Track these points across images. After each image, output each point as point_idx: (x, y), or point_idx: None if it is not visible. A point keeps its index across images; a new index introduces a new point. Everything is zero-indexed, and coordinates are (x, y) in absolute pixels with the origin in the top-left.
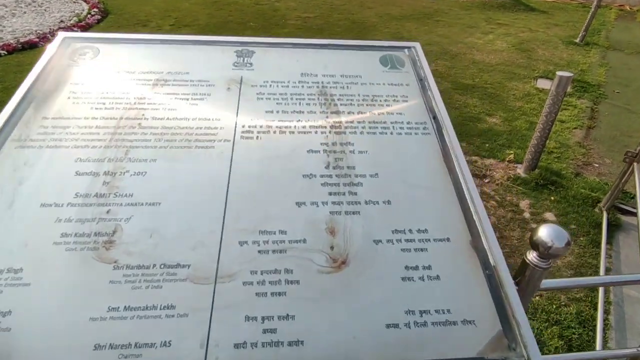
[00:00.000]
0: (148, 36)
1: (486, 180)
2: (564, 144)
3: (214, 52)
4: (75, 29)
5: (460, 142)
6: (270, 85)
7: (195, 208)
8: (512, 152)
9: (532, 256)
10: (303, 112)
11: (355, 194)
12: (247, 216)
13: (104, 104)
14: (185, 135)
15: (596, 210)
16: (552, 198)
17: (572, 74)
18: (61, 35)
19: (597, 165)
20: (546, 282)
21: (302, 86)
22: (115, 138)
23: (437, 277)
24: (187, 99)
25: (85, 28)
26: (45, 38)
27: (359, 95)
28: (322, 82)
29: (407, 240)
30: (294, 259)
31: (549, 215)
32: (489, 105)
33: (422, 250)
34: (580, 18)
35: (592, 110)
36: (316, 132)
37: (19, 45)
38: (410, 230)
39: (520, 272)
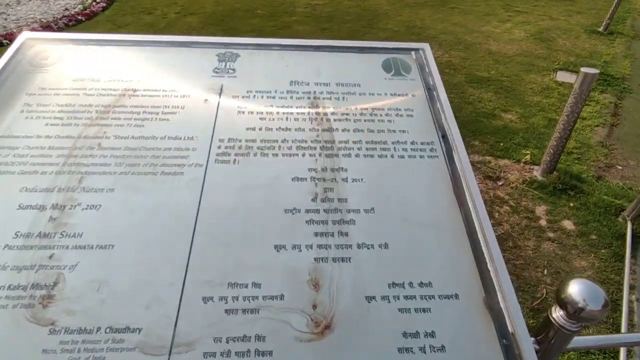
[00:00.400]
0: (120, 36)
1: (500, 183)
2: (584, 143)
3: (193, 56)
4: (80, 17)
5: (473, 140)
6: (254, 97)
7: (155, 252)
8: (528, 152)
9: (558, 314)
10: (290, 130)
11: (346, 234)
12: (215, 264)
13: (61, 119)
14: (151, 158)
15: (620, 219)
16: (571, 204)
17: (597, 71)
18: (24, 35)
19: (620, 167)
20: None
21: (291, 97)
22: (69, 162)
23: (442, 349)
24: (157, 113)
25: (90, 16)
26: (49, 27)
27: (355, 108)
28: (314, 93)
29: (406, 297)
30: (268, 321)
31: (567, 224)
32: (504, 99)
33: (424, 310)
34: (604, 5)
35: (616, 106)
36: (304, 155)
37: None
38: (410, 284)
39: (543, 329)
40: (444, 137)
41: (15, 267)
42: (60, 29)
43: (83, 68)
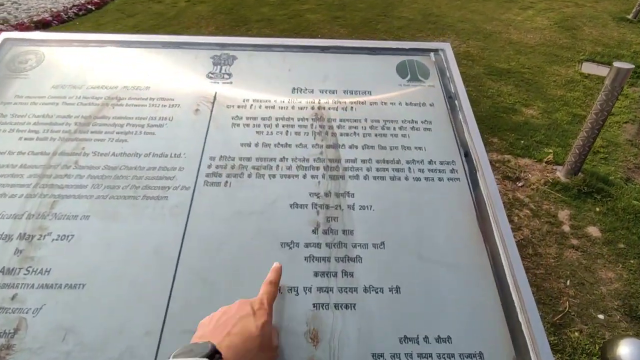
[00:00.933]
0: (106, 36)
1: (520, 184)
2: (612, 141)
3: (185, 58)
4: (90, 6)
5: (491, 138)
6: (251, 106)
7: (130, 293)
8: (550, 151)
9: None
10: (290, 146)
11: (352, 275)
12: (199, 308)
13: (36, 132)
14: (132, 179)
15: None
16: (598, 209)
17: (632, 66)
18: (3, 35)
19: None
20: None
21: (293, 107)
22: (42, 183)
23: None
24: (142, 126)
25: (100, 5)
26: (59, 17)
27: (365, 120)
28: (319, 102)
29: (421, 356)
30: None
31: (592, 230)
32: (525, 93)
33: None
34: None
35: None
36: (305, 176)
37: (32, 25)
38: (426, 339)
39: None
40: (467, 155)
41: None
42: (70, 19)
43: (65, 73)
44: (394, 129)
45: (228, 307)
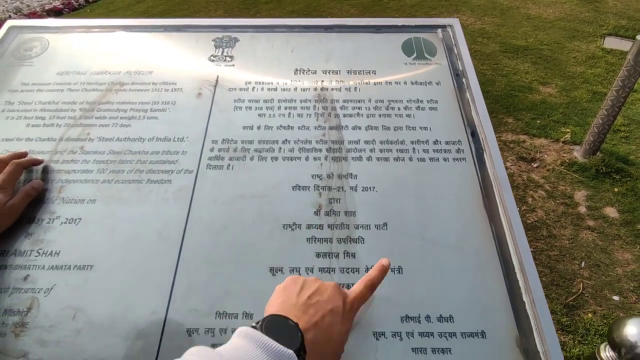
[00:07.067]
0: (108, 21)
1: (535, 165)
2: (633, 119)
3: (187, 41)
4: None
5: (506, 118)
6: (254, 88)
7: (136, 275)
8: (568, 130)
9: (607, 355)
10: (292, 128)
11: (354, 255)
12: (203, 289)
13: (43, 118)
14: (137, 164)
15: None
16: (616, 189)
17: None
18: (8, 23)
19: None
20: None
21: (295, 89)
22: (49, 169)
23: None
24: (145, 111)
25: None
26: (70, 4)
27: (369, 101)
28: (322, 82)
29: (422, 334)
30: None
31: (610, 211)
32: (543, 71)
33: (443, 351)
34: None
35: None
36: (307, 159)
37: (45, 13)
38: (427, 318)
39: None
40: (474, 134)
41: None
42: (81, 6)
43: (69, 59)
44: (399, 109)
45: (319, 282)
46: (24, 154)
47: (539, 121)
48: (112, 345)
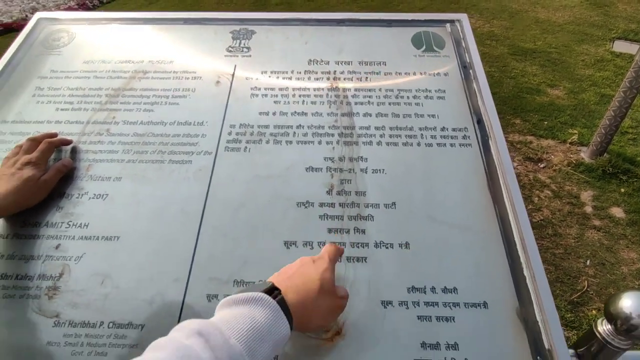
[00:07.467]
0: (131, 14)
1: (542, 165)
2: None
3: (206, 33)
4: None
5: (514, 119)
6: (269, 77)
7: (160, 246)
8: (575, 131)
9: (604, 328)
10: (306, 114)
11: (364, 232)
12: (222, 260)
13: (71, 103)
14: (159, 145)
15: None
16: (622, 190)
17: None
18: (37, 15)
19: None
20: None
21: (309, 78)
22: (77, 149)
23: None
24: (167, 97)
25: None
26: (84, 5)
27: (380, 90)
28: (335, 72)
29: (427, 304)
30: None
31: (616, 211)
32: (551, 73)
33: (447, 319)
34: None
35: None
36: (320, 143)
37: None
38: (433, 289)
39: (585, 343)
40: (480, 122)
41: (23, 256)
42: (95, 6)
43: (94, 49)
44: (408, 97)
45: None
46: (55, 134)
47: (546, 122)
48: (138, 308)
